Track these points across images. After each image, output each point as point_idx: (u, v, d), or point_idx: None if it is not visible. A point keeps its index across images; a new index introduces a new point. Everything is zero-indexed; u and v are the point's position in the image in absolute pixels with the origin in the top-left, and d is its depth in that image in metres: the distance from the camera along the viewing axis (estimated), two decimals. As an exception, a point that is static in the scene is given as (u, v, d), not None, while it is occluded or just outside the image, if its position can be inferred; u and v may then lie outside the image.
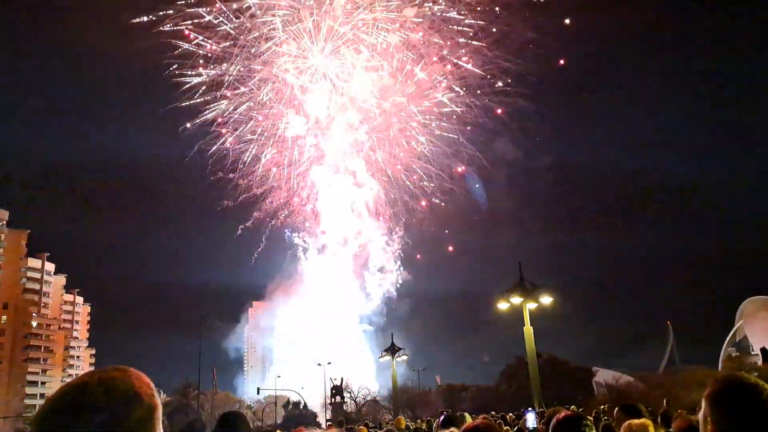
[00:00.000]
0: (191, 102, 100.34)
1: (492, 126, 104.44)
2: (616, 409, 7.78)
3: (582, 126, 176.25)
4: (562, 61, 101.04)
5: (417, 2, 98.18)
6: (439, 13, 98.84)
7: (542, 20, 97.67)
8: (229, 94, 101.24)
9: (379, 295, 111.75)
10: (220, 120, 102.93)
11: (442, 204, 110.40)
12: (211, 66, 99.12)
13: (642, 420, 6.37)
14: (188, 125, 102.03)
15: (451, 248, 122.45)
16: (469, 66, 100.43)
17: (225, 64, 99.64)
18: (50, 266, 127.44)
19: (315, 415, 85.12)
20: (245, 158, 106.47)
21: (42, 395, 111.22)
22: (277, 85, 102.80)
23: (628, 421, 6.27)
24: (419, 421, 29.13)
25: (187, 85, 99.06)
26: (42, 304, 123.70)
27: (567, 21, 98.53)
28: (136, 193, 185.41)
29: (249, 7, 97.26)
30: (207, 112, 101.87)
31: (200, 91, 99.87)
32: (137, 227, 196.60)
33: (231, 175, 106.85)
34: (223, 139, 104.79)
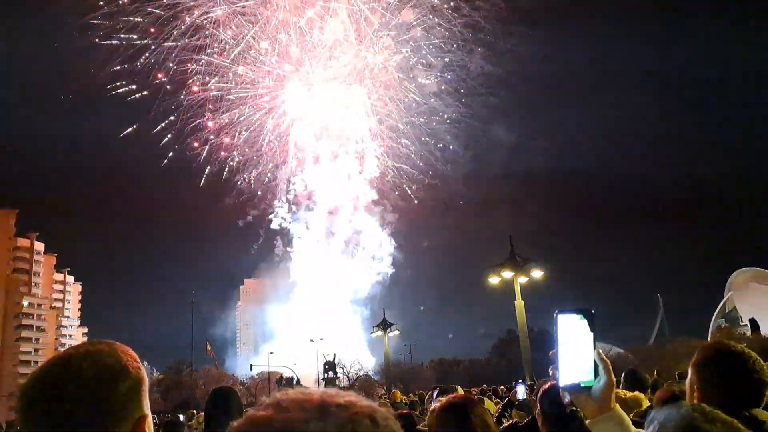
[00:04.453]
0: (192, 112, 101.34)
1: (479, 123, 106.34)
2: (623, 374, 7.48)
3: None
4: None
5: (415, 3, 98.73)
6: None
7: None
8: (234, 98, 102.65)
9: (371, 279, 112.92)
10: (222, 127, 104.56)
11: (430, 189, 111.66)
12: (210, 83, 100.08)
13: (635, 393, 6.20)
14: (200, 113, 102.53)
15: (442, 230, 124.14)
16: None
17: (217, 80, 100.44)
18: (39, 246, 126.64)
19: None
20: (245, 162, 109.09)
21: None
22: (279, 99, 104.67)
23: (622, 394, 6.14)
24: (411, 395, 29.11)
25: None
26: (32, 284, 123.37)
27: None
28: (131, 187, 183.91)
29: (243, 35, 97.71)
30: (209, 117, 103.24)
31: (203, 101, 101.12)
32: (130, 212, 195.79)
33: (236, 177, 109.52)
34: (226, 143, 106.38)
